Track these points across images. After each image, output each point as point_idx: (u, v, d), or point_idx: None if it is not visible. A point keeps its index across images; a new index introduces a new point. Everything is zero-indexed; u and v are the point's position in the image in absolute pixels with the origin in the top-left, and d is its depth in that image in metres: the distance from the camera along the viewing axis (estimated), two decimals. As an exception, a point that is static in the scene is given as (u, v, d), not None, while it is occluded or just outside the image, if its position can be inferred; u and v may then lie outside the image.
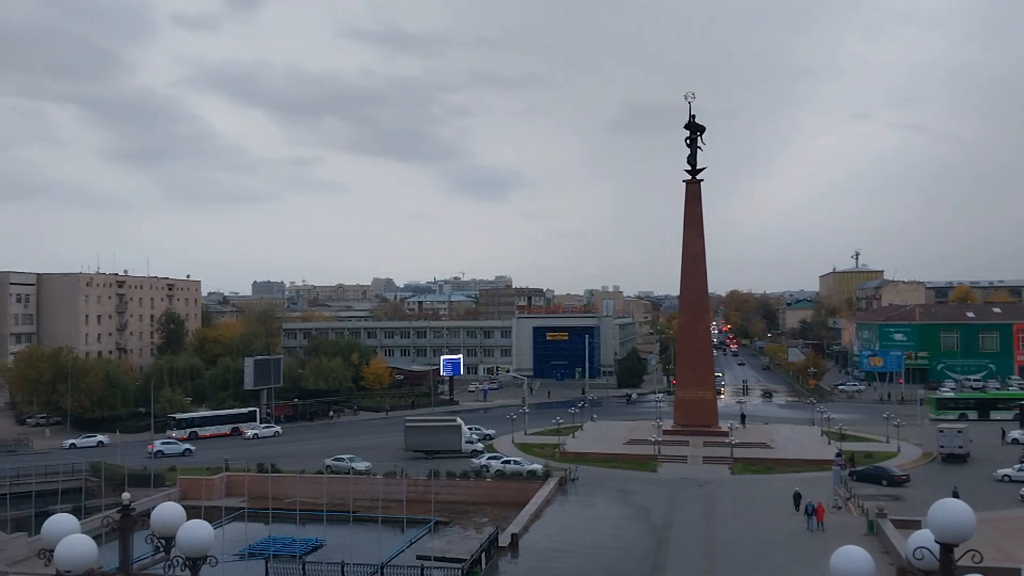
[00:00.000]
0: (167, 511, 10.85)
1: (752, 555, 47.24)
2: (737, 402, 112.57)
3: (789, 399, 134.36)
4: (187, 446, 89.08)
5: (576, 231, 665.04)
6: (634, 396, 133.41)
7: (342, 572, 43.72)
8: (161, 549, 10.88)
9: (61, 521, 10.53)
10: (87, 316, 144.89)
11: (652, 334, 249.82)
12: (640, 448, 78.49)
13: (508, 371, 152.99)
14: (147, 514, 11.38)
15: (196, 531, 10.52)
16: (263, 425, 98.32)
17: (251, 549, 51.32)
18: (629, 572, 45.63)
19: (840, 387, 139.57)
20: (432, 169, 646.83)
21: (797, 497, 56.01)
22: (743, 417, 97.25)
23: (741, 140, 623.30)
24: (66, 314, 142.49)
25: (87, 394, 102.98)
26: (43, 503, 61.52)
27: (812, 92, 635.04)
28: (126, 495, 11.04)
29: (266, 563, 46.53)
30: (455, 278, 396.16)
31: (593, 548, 49.99)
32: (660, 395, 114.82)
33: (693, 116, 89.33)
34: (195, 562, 10.46)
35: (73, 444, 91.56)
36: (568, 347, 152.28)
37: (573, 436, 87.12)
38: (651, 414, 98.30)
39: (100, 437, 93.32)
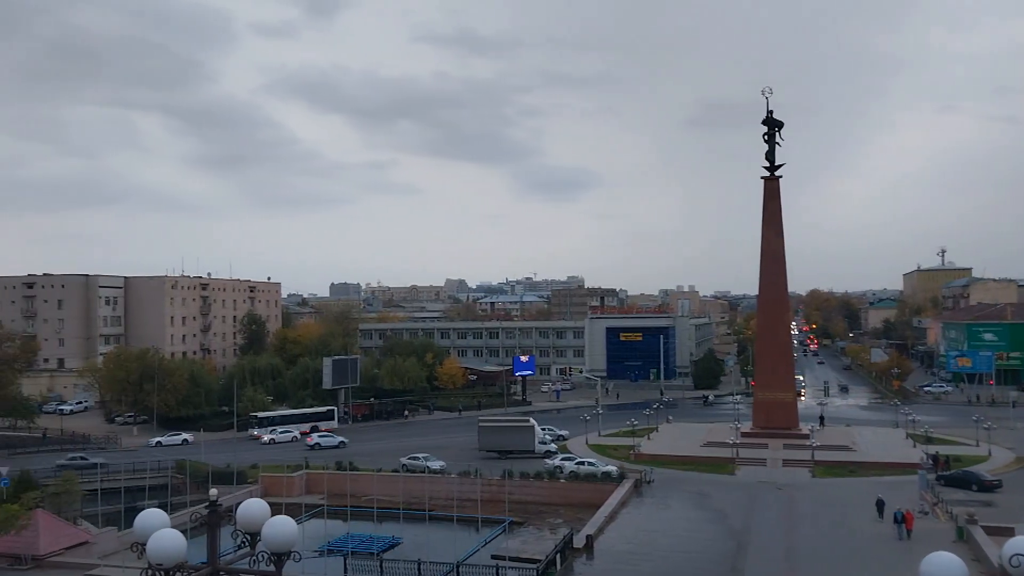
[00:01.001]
0: (252, 507, 11.04)
1: (835, 562, 45.94)
2: (818, 403, 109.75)
3: (872, 401, 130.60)
4: (342, 439, 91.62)
5: (650, 230, 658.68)
6: (711, 398, 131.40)
7: (418, 570, 44.13)
8: (246, 544, 11.07)
9: (152, 516, 10.80)
10: (172, 318, 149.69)
11: (729, 334, 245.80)
12: (718, 450, 77.17)
13: (581, 372, 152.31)
14: (232, 510, 11.58)
15: (281, 527, 10.67)
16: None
17: (330, 546, 52.18)
18: (706, 575, 44.92)
19: (925, 388, 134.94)
20: (504, 170, 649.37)
21: (880, 504, 53.85)
22: (821, 419, 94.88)
23: (821, 135, 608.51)
24: (152, 316, 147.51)
25: (172, 393, 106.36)
26: (131, 499, 63.69)
27: (895, 85, 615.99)
28: (213, 491, 11.27)
29: (344, 560, 47.31)
30: (527, 279, 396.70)
31: (669, 551, 49.33)
32: (738, 397, 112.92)
33: (771, 112, 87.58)
34: (279, 557, 10.60)
35: (159, 442, 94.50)
36: (642, 348, 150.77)
37: (648, 438, 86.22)
38: (729, 416, 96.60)
39: (185, 435, 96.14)
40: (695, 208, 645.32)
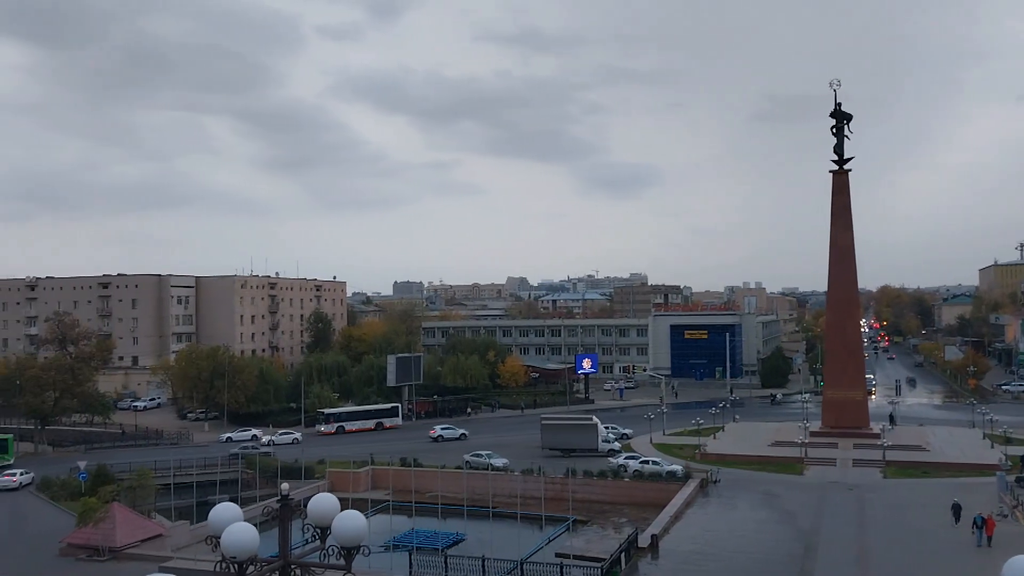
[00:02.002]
0: (323, 501, 11.15)
1: (909, 568, 44.62)
2: (889, 402, 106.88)
3: (946, 400, 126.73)
4: (463, 431, 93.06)
5: (715, 227, 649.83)
6: (779, 396, 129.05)
7: (483, 567, 44.27)
8: (316, 538, 11.18)
9: (226, 510, 10.98)
10: (242, 316, 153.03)
11: (797, 332, 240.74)
12: (786, 450, 75.79)
13: (645, 370, 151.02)
14: (301, 504, 11.71)
15: (350, 522, 10.76)
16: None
17: (395, 541, 52.71)
18: (774, 577, 44.12)
19: (1004, 387, 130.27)
20: (567, 168, 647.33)
21: (957, 508, 51.47)
22: (891, 418, 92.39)
23: (891, 127, 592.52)
24: (223, 315, 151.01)
25: (242, 390, 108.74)
26: (202, 493, 65.25)
27: (969, 75, 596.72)
28: (285, 485, 11.42)
29: (410, 555, 47.72)
30: (589, 276, 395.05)
31: (736, 552, 48.60)
32: (807, 395, 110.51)
33: (839, 104, 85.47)
34: (349, 552, 10.68)
35: (229, 438, 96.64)
36: (707, 346, 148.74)
37: (714, 437, 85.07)
38: (797, 415, 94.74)
39: (254, 431, 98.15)
40: (761, 203, 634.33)
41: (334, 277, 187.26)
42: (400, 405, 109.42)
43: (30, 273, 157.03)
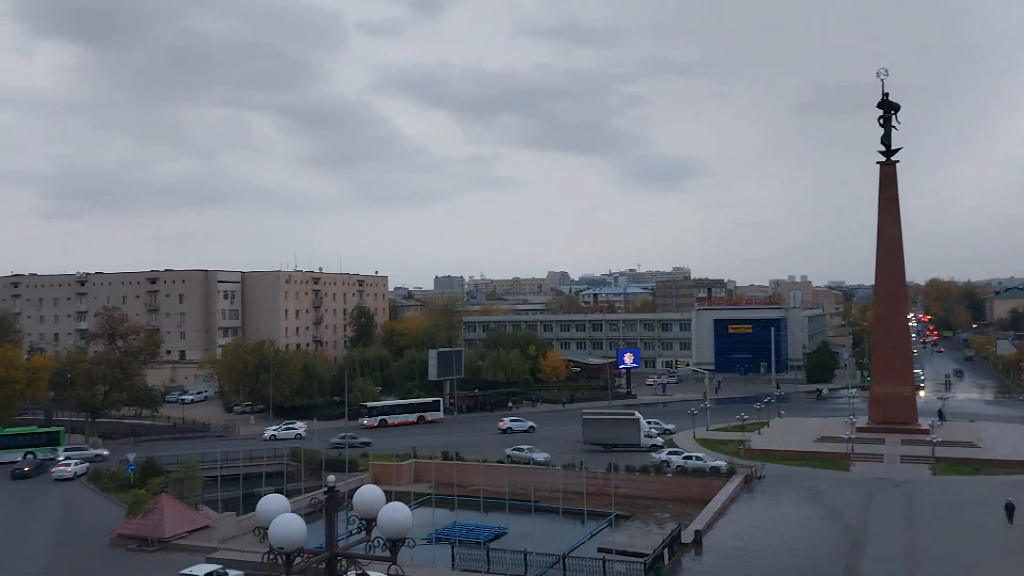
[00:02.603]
0: (368, 493, 11.18)
1: (960, 567, 43.63)
2: (938, 398, 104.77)
3: (998, 395, 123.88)
4: (531, 423, 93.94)
5: (759, 219, 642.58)
6: (825, 391, 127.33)
7: (525, 560, 44.28)
8: (361, 530, 11.22)
9: (274, 501, 11.06)
10: (286, 311, 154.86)
11: (844, 326, 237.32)
12: (832, 446, 74.65)
13: (688, 365, 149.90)
14: (346, 496, 11.75)
15: (396, 514, 10.78)
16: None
17: (438, 534, 52.95)
18: (819, 574, 43.46)
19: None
20: (608, 161, 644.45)
21: (1010, 507, 50.34)
22: (940, 413, 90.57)
23: (942, 117, 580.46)
24: (268, 309, 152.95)
25: (287, 384, 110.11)
26: (248, 485, 66.21)
27: (1019, 63, 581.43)
28: (331, 477, 11.48)
29: (452, 548, 47.89)
30: (630, 270, 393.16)
31: (781, 548, 48.02)
32: (853, 390, 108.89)
33: (886, 94, 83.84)
34: (394, 543, 10.70)
35: (273, 435, 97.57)
36: (752, 340, 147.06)
37: (759, 432, 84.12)
38: (843, 410, 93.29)
39: (299, 424, 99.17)
40: (807, 195, 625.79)
41: (376, 272, 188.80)
42: (442, 399, 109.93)
43: (80, 269, 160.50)
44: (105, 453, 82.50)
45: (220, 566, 44.08)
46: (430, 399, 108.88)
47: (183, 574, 42.43)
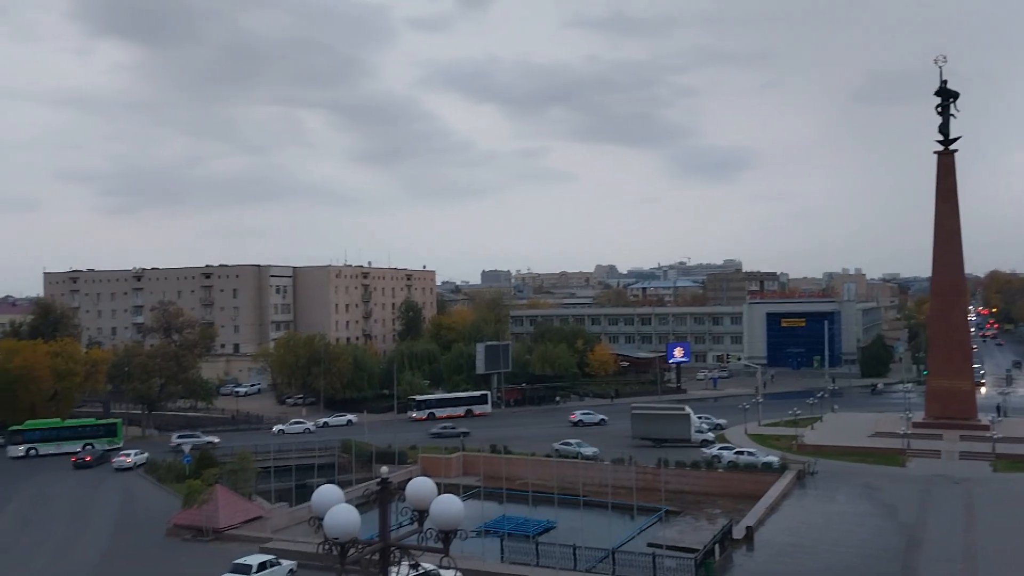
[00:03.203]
0: (421, 485, 11.20)
1: (1023, 565, 42.50)
2: (999, 392, 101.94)
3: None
4: (602, 416, 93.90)
5: (813, 211, 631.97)
6: (880, 386, 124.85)
7: (574, 554, 44.16)
8: (414, 520, 11.22)
9: (328, 492, 11.12)
10: (336, 305, 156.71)
11: (899, 319, 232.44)
12: (887, 441, 73.22)
13: (739, 359, 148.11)
14: (401, 487, 11.77)
15: (448, 506, 10.77)
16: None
17: (486, 526, 53.04)
18: (874, 572, 42.64)
19: None
20: (658, 153, 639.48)
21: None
22: (998, 408, 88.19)
23: (1000, 103, 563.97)
24: (318, 304, 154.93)
25: (338, 377, 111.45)
26: (300, 477, 67.11)
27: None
28: (384, 468, 11.51)
29: (501, 541, 47.94)
30: (680, 263, 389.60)
31: (835, 545, 47.26)
32: (909, 385, 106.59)
33: (944, 81, 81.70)
34: (447, 535, 10.69)
35: (326, 422, 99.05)
36: (805, 334, 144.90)
37: (812, 427, 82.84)
38: (899, 405, 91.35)
39: (349, 416, 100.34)
40: (861, 186, 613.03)
41: (424, 266, 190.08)
42: (489, 393, 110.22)
43: (137, 264, 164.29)
44: (216, 440, 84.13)
45: (273, 556, 44.73)
46: (478, 393, 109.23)
47: (237, 564, 43.16)
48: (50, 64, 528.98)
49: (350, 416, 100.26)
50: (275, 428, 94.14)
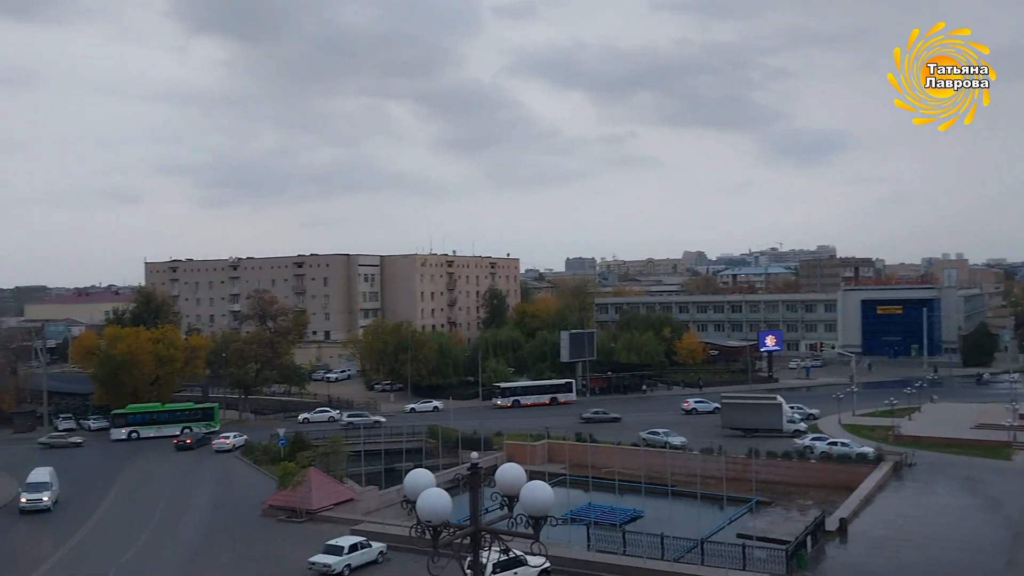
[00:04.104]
0: (510, 471, 11.21)
1: None
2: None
3: None
4: (716, 404, 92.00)
5: (911, 194, 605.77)
6: (986, 375, 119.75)
7: (661, 544, 43.79)
8: (503, 506, 11.24)
9: (420, 476, 11.24)
10: (422, 293, 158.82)
11: (1004, 306, 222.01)
12: (991, 433, 70.15)
13: (833, 347, 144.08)
14: (488, 473, 11.81)
15: (539, 492, 10.76)
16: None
17: (572, 514, 52.96)
18: (977, 567, 40.97)
19: None
20: (749, 137, 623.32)
21: None
22: None
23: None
24: (405, 291, 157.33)
25: (424, 364, 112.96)
26: (389, 461, 68.37)
27: None
28: (474, 454, 11.61)
29: (587, 528, 47.87)
30: (772, 249, 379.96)
31: (933, 539, 45.67)
32: (1015, 375, 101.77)
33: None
34: (536, 521, 10.68)
35: (413, 408, 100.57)
36: (902, 321, 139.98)
37: (909, 418, 79.96)
38: (1003, 396, 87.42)
39: (435, 403, 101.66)
40: (963, 168, 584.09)
41: (508, 254, 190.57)
42: (574, 380, 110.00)
43: (233, 254, 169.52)
44: (383, 420, 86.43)
45: (364, 538, 45.72)
46: (562, 380, 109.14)
47: (330, 544, 44.27)
48: (150, 61, 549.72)
49: (436, 402, 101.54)
50: (300, 416, 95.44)
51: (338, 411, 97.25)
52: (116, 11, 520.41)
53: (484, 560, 11.37)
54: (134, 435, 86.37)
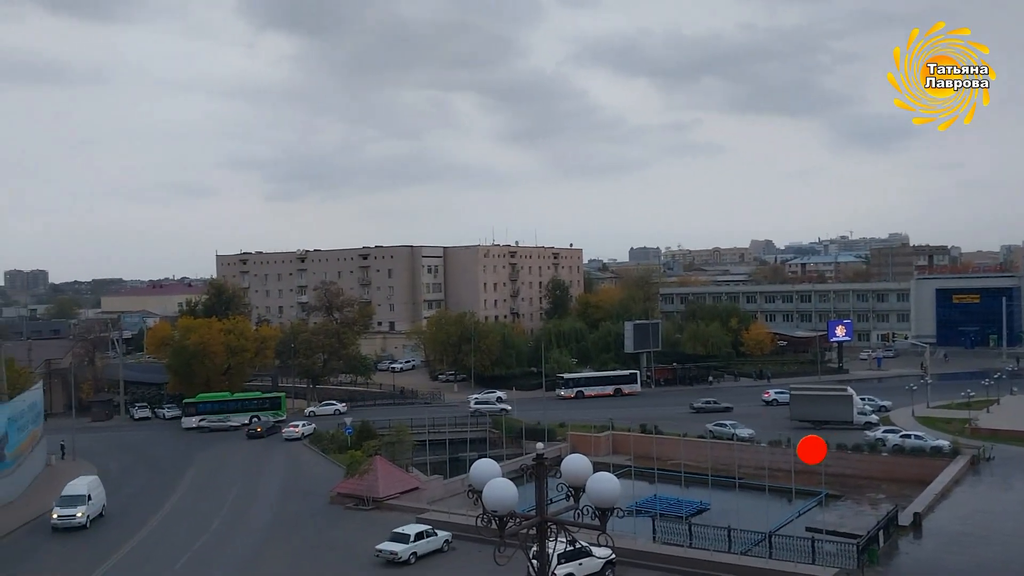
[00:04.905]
0: (576, 462, 11.14)
1: None
2: None
3: None
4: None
5: (988, 180, 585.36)
6: None
7: (728, 536, 43.24)
8: (569, 497, 11.18)
9: (486, 465, 11.24)
10: (485, 284, 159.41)
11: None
12: (1075, 427, 67.53)
13: (906, 337, 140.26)
14: (554, 463, 11.74)
15: (605, 483, 10.67)
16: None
17: (637, 505, 52.66)
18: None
19: None
20: (818, 122, 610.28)
21: None
22: None
23: None
24: (467, 282, 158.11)
25: (487, 354, 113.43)
26: (453, 450, 68.87)
27: None
28: (540, 444, 11.58)
29: (653, 520, 47.52)
30: (842, 237, 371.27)
31: (1012, 536, 44.26)
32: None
33: None
34: (603, 512, 10.59)
35: (475, 398, 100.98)
36: (979, 311, 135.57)
37: (987, 411, 77.37)
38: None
39: (498, 393, 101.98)
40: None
41: (571, 244, 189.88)
42: (639, 372, 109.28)
43: (300, 247, 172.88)
44: (508, 408, 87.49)
45: (430, 526, 46.17)
46: (627, 371, 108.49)
47: (396, 532, 44.84)
48: (219, 58, 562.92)
49: (499, 393, 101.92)
50: (307, 410, 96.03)
51: (343, 404, 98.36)
52: (187, 9, 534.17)
53: (549, 551, 11.33)
54: (203, 423, 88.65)
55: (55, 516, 51.25)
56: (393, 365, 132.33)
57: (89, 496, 52.90)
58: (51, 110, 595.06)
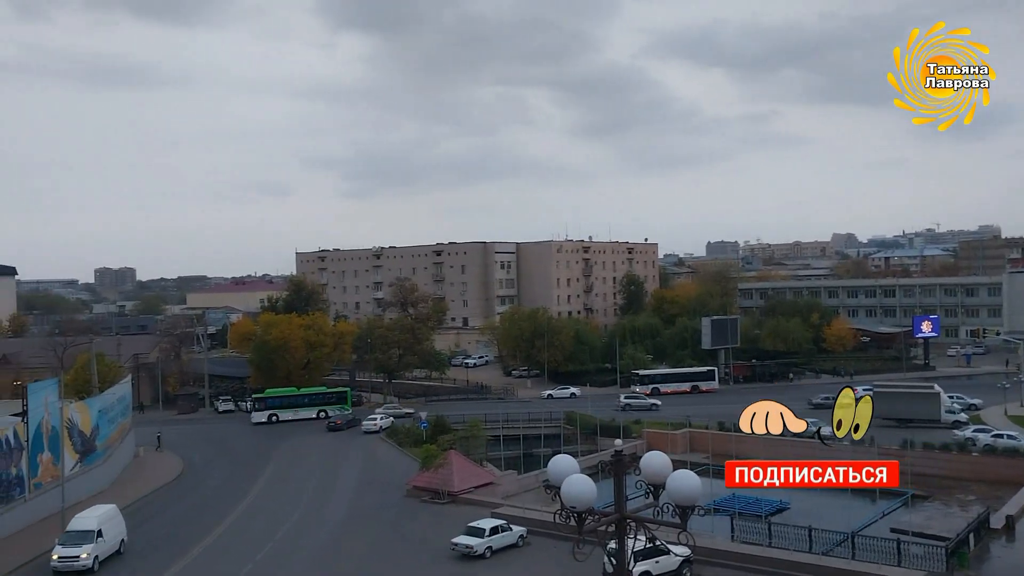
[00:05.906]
0: (656, 460, 10.95)
1: None
2: None
3: None
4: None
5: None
6: None
7: (809, 536, 42.30)
8: (647, 494, 10.98)
9: (564, 461, 11.12)
10: (558, 279, 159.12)
11: None
12: None
13: (998, 333, 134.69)
14: (632, 460, 11.55)
15: (686, 481, 10.47)
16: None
17: (716, 504, 51.84)
18: None
19: None
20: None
21: None
22: None
23: None
24: (540, 278, 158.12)
25: (560, 350, 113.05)
26: (527, 446, 68.94)
27: None
28: (618, 441, 11.47)
29: (731, 519, 46.80)
30: (928, 230, 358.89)
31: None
32: None
33: None
34: (684, 510, 10.38)
35: (550, 394, 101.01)
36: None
37: (1085, 410, 73.96)
38: None
39: (572, 389, 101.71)
40: None
41: (645, 239, 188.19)
42: (716, 368, 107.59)
43: (376, 243, 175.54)
44: (658, 403, 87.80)
45: (504, 521, 46.27)
46: (704, 368, 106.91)
47: (471, 527, 45.07)
48: (298, 58, 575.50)
49: (573, 389, 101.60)
50: (379, 409, 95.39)
51: (421, 398, 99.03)
52: (265, 11, 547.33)
53: (628, 548, 11.14)
54: (273, 418, 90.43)
55: (55, 557, 42.46)
56: (467, 361, 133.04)
57: (99, 532, 43.74)
58: (140, 113, 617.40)
